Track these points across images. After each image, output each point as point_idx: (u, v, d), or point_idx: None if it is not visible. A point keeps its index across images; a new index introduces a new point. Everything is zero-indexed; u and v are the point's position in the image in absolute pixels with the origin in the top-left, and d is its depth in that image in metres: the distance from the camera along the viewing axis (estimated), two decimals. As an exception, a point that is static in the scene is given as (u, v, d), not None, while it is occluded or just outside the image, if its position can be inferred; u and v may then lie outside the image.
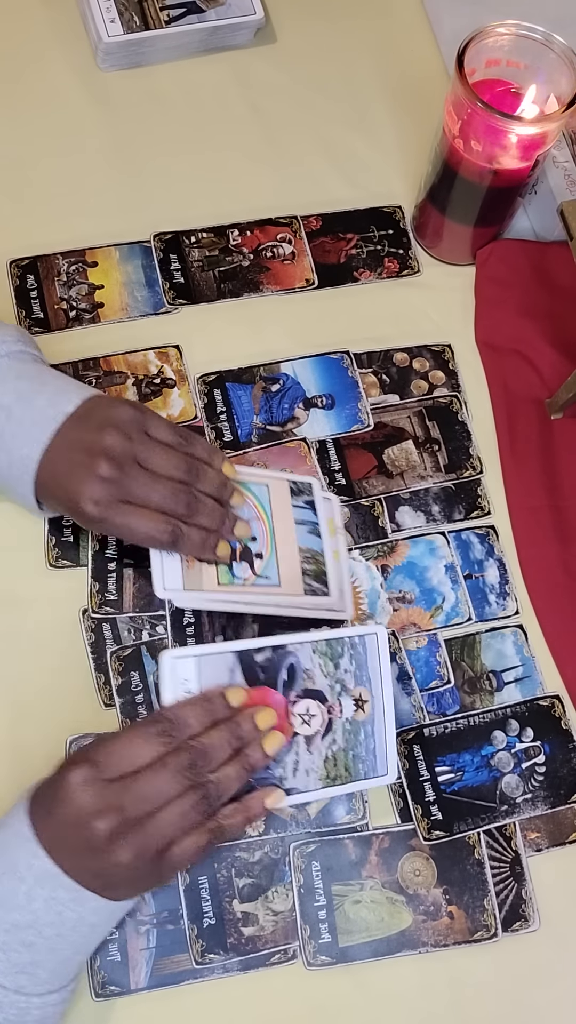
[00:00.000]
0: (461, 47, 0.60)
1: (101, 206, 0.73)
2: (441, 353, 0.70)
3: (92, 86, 0.76)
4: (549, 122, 0.59)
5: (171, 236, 0.72)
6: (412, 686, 0.61)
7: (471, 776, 0.59)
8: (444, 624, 0.63)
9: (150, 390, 0.67)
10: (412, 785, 0.59)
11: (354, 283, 0.72)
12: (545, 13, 0.64)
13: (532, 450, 0.68)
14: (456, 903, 0.57)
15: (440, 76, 0.79)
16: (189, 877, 0.56)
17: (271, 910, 0.56)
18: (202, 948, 0.55)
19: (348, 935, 0.56)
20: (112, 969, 0.54)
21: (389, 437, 0.68)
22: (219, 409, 0.67)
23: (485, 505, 0.66)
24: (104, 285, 0.70)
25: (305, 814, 0.57)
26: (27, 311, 0.69)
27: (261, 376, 0.69)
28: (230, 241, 0.72)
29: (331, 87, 0.79)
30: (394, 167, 0.76)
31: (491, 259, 0.72)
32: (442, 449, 0.68)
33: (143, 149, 0.75)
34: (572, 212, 0.61)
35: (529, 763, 0.60)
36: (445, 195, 0.68)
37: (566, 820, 0.59)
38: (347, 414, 0.68)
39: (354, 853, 0.57)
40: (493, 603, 0.64)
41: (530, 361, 0.70)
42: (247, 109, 0.77)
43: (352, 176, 0.76)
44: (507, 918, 0.57)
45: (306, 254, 0.73)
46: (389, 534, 0.65)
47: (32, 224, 0.71)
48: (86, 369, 0.67)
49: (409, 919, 0.56)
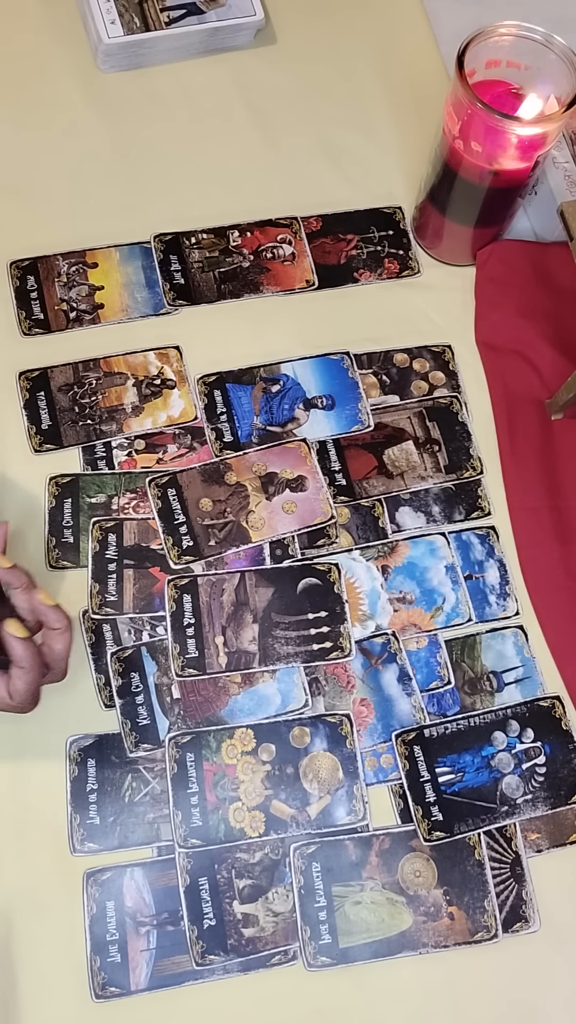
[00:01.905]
0: (461, 47, 0.60)
1: (101, 207, 0.73)
2: (441, 354, 0.70)
3: (92, 87, 0.76)
4: (549, 122, 0.59)
5: (171, 237, 0.72)
6: (412, 687, 0.61)
7: (471, 777, 0.59)
8: (444, 625, 0.63)
9: (150, 391, 0.67)
10: (413, 786, 0.59)
11: (354, 284, 0.72)
12: (545, 13, 0.64)
13: (532, 450, 0.68)
14: (456, 904, 0.57)
15: (440, 76, 0.79)
16: (189, 878, 0.56)
17: (271, 911, 0.56)
18: (202, 949, 0.55)
19: (348, 936, 0.56)
20: (112, 970, 0.54)
21: (389, 438, 0.68)
22: (219, 410, 0.67)
23: (485, 506, 0.66)
24: (104, 286, 0.70)
25: (305, 815, 0.57)
26: (27, 312, 0.69)
27: (261, 377, 0.69)
28: (230, 242, 0.72)
29: (331, 87, 0.79)
30: (394, 168, 0.76)
31: (491, 260, 0.72)
32: (442, 450, 0.68)
33: (143, 150, 0.75)
34: (572, 213, 0.61)
35: (529, 764, 0.60)
36: (445, 196, 0.68)
37: (566, 821, 0.59)
38: (347, 415, 0.68)
39: (354, 854, 0.57)
40: (493, 604, 0.64)
41: (530, 361, 0.70)
42: (247, 110, 0.77)
43: (352, 177, 0.76)
44: (507, 919, 0.57)
45: (306, 255, 0.73)
46: (389, 535, 0.65)
47: (32, 225, 0.71)
48: (86, 370, 0.67)
49: (409, 920, 0.56)
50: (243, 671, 0.60)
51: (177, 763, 0.58)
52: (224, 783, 0.58)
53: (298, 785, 0.58)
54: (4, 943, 0.55)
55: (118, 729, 0.59)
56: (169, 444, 0.66)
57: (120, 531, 0.63)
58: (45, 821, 0.57)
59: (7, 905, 0.55)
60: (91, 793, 0.57)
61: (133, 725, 0.59)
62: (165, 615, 0.61)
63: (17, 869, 0.56)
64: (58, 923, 0.55)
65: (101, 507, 0.64)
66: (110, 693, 0.59)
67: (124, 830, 0.57)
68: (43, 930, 0.55)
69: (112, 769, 0.58)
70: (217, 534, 0.64)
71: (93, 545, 0.62)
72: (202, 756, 0.58)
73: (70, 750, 0.58)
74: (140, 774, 0.58)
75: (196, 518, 0.64)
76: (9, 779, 0.57)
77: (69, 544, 0.63)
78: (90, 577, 0.62)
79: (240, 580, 0.62)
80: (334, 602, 0.62)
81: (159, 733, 0.59)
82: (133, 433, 0.66)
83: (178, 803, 0.57)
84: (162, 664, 0.60)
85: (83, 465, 0.65)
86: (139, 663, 0.60)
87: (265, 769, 0.58)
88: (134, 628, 0.61)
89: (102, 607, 0.61)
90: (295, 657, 0.61)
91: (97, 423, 0.66)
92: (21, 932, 0.55)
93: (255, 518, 0.64)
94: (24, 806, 0.57)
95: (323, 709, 0.60)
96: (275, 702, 0.60)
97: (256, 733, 0.59)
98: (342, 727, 0.59)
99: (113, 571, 0.62)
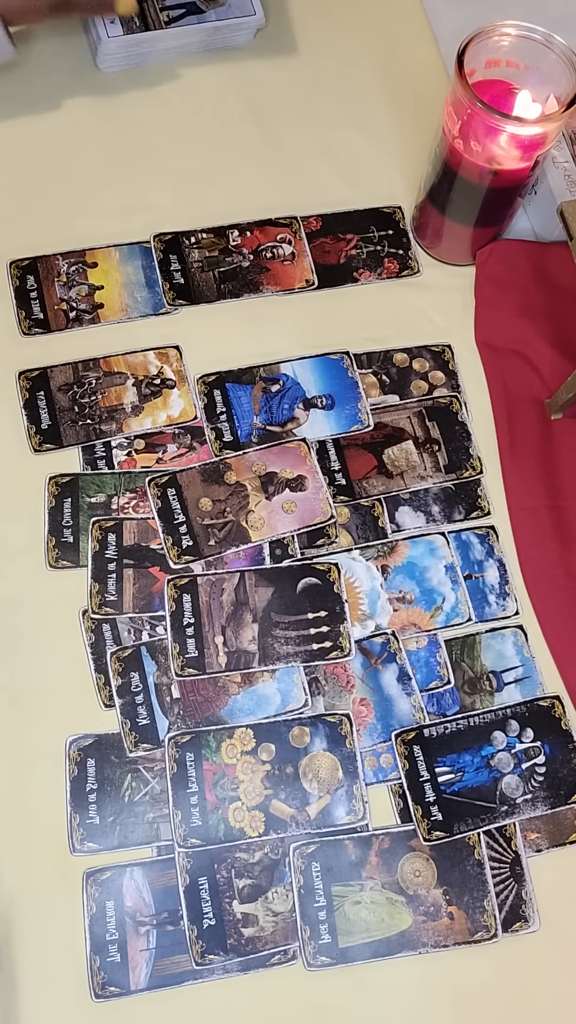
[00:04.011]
0: (461, 47, 0.60)
1: (101, 206, 0.73)
2: (441, 353, 0.70)
3: (92, 86, 0.76)
4: (549, 122, 0.59)
5: (171, 237, 0.72)
6: (412, 686, 0.61)
7: (471, 777, 0.59)
8: (444, 624, 0.63)
9: (150, 391, 0.67)
10: (412, 786, 0.59)
11: (354, 284, 0.72)
12: (545, 13, 0.64)
13: (532, 450, 0.68)
14: (456, 904, 0.57)
15: (440, 76, 0.79)
16: (189, 878, 0.56)
17: (271, 911, 0.56)
18: (202, 949, 0.55)
19: (348, 936, 0.56)
20: (112, 970, 0.54)
21: (389, 437, 0.68)
22: (219, 410, 0.67)
23: (485, 505, 0.66)
24: (104, 286, 0.70)
25: (305, 815, 0.58)
26: (27, 312, 0.69)
27: (261, 376, 0.69)
28: (230, 242, 0.72)
29: (331, 87, 0.79)
30: (394, 167, 0.76)
31: (491, 259, 0.72)
32: (442, 449, 0.68)
33: (143, 149, 0.75)
34: (572, 212, 0.61)
35: (529, 764, 0.60)
36: (445, 195, 0.68)
37: (566, 821, 0.59)
38: (347, 414, 0.68)
39: (354, 854, 0.57)
40: (493, 603, 0.64)
41: (530, 361, 0.70)
42: (247, 109, 0.77)
43: (352, 176, 0.76)
44: (507, 919, 0.57)
45: (306, 255, 0.72)
46: (389, 534, 0.65)
47: (32, 224, 0.71)
48: (86, 370, 0.67)
49: (409, 920, 0.56)
50: (243, 671, 0.60)
51: (177, 763, 0.58)
52: (224, 783, 0.58)
53: (298, 785, 0.58)
54: (4, 943, 0.55)
55: (118, 729, 0.59)
56: (169, 444, 0.66)
57: (120, 531, 0.63)
58: (45, 821, 0.57)
59: (7, 905, 0.55)
60: (91, 793, 0.57)
61: (133, 725, 0.59)
62: (165, 615, 0.61)
63: (17, 869, 0.56)
64: (58, 923, 0.55)
65: (101, 507, 0.64)
66: (110, 693, 0.59)
67: (124, 830, 0.57)
68: (43, 930, 0.55)
69: (112, 769, 0.58)
70: (217, 534, 0.64)
71: (93, 545, 0.62)
72: (202, 756, 0.58)
73: (70, 750, 0.58)
74: (140, 774, 0.58)
75: (196, 518, 0.64)
76: (9, 779, 0.57)
77: (69, 544, 0.63)
78: (90, 577, 0.62)
79: (240, 580, 0.62)
80: (334, 602, 0.62)
81: (159, 733, 0.59)
82: (133, 433, 0.66)
83: (178, 803, 0.57)
84: (162, 664, 0.60)
85: (83, 465, 0.65)
86: (139, 663, 0.60)
87: (265, 769, 0.58)
88: (134, 628, 0.61)
89: (102, 607, 0.61)
90: (295, 657, 0.61)
91: (97, 423, 0.66)
92: (21, 932, 0.55)
93: (255, 518, 0.64)
94: (24, 806, 0.57)
95: (323, 709, 0.60)
96: (275, 702, 0.60)
97: (256, 733, 0.59)
98: (342, 727, 0.59)
99: (113, 571, 0.62)
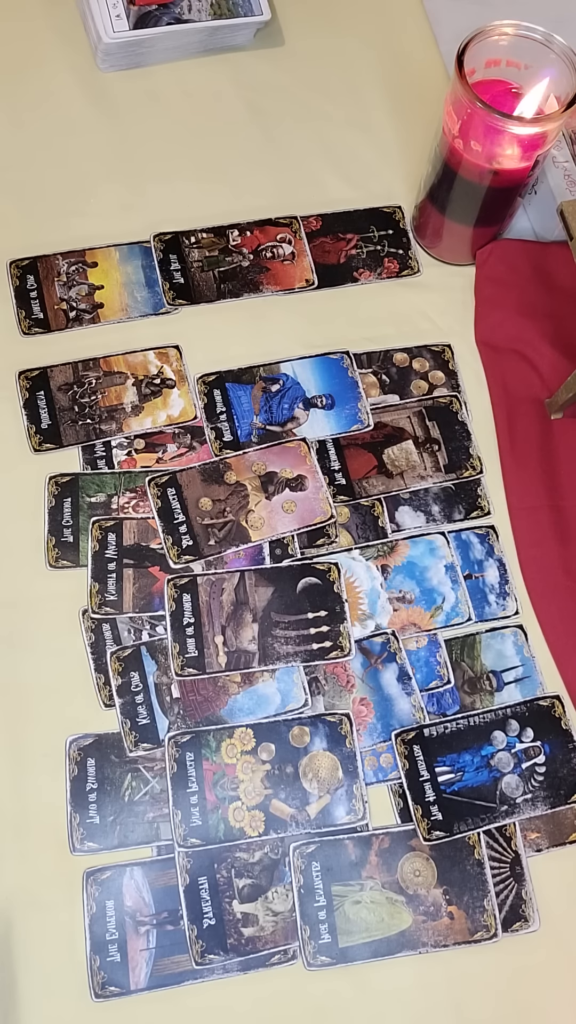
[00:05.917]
0: (461, 47, 0.60)
1: (101, 206, 0.73)
2: (441, 353, 0.70)
3: (92, 87, 0.76)
4: (549, 122, 0.59)
5: (171, 236, 0.72)
6: (412, 686, 0.61)
7: (471, 776, 0.59)
8: (444, 624, 0.63)
9: (150, 390, 0.67)
10: (412, 785, 0.59)
11: (354, 283, 0.72)
12: (545, 13, 0.64)
13: (532, 450, 0.68)
14: (456, 903, 0.57)
15: (440, 76, 0.79)
16: (189, 878, 0.56)
17: (271, 910, 0.56)
18: (202, 949, 0.55)
19: (348, 935, 0.56)
20: (112, 970, 0.54)
21: (389, 437, 0.68)
22: (219, 409, 0.67)
23: (485, 505, 0.66)
24: (104, 285, 0.70)
25: (305, 815, 0.58)
26: (27, 311, 0.69)
27: (261, 376, 0.69)
28: (230, 241, 0.72)
29: (331, 87, 0.79)
30: (394, 167, 0.76)
31: (491, 259, 0.72)
32: (442, 449, 0.68)
33: (143, 149, 0.75)
34: (572, 212, 0.61)
35: (529, 763, 0.60)
36: (445, 195, 0.68)
37: (566, 820, 0.59)
38: (347, 414, 0.68)
39: (354, 853, 0.57)
40: (493, 603, 0.64)
41: (530, 361, 0.70)
42: (247, 109, 0.77)
43: (352, 176, 0.76)
44: (507, 918, 0.57)
45: (306, 254, 0.72)
46: (389, 534, 0.65)
47: (32, 224, 0.71)
48: (86, 370, 0.67)
49: (409, 919, 0.56)
50: (243, 670, 0.60)
51: (177, 762, 0.58)
52: (224, 782, 0.58)
53: (298, 784, 0.58)
54: (4, 943, 0.55)
55: (118, 728, 0.59)
56: (169, 443, 0.66)
57: (120, 530, 0.63)
58: (45, 820, 0.57)
59: (7, 904, 0.55)
60: (91, 792, 0.57)
61: (133, 724, 0.59)
62: (165, 614, 0.61)
63: (17, 869, 0.56)
64: (58, 923, 0.55)
65: (101, 506, 0.64)
66: (110, 692, 0.59)
67: (124, 829, 0.57)
68: (43, 930, 0.55)
69: (112, 768, 0.58)
70: (217, 533, 0.64)
71: (93, 544, 0.62)
72: (202, 755, 0.58)
73: (70, 749, 0.58)
74: (140, 773, 0.58)
75: (196, 517, 0.64)
76: (9, 779, 0.57)
77: (69, 543, 0.63)
78: (90, 576, 0.62)
79: (240, 579, 0.62)
80: (334, 601, 0.62)
81: (159, 732, 0.59)
82: (133, 432, 0.66)
83: (178, 802, 0.57)
84: (162, 663, 0.60)
85: (83, 464, 0.65)
86: (139, 662, 0.60)
87: (265, 768, 0.58)
88: (134, 627, 0.61)
89: (102, 606, 0.61)
90: (295, 656, 0.61)
91: (97, 422, 0.66)
92: (21, 932, 0.55)
93: (255, 517, 0.64)
94: (24, 806, 0.57)
95: (323, 708, 0.60)
96: (275, 701, 0.60)
97: (256, 732, 0.59)
98: (342, 726, 0.59)
99: (113, 570, 0.62)
